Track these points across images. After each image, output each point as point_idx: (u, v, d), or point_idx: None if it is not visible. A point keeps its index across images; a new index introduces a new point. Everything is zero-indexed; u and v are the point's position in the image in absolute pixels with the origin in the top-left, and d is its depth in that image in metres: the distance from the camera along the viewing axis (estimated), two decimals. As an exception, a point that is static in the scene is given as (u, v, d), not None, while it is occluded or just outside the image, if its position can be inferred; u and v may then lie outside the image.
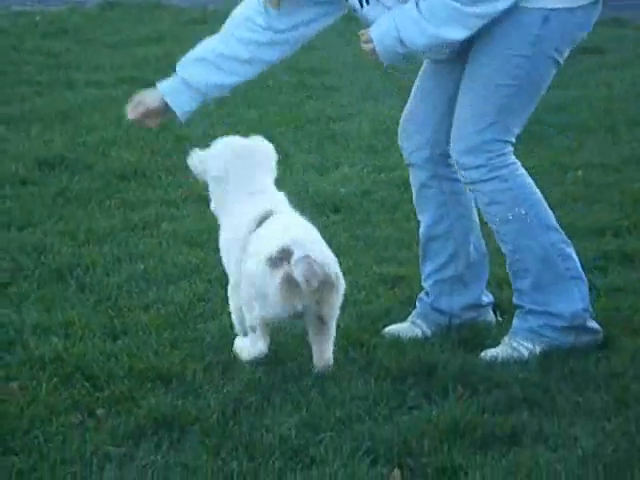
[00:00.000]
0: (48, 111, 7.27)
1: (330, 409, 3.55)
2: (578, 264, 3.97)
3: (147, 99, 4.05)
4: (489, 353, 3.92)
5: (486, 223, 4.04)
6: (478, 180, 3.91)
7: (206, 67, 3.99)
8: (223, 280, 4.64)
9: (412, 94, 4.18)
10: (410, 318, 4.20)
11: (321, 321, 3.77)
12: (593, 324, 3.98)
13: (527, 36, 3.81)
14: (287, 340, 4.07)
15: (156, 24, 9.67)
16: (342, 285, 3.77)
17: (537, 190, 3.96)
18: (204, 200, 5.78)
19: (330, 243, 5.07)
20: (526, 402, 3.60)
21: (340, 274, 3.77)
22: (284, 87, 8.15)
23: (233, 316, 3.99)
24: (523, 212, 3.89)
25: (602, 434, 3.41)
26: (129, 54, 8.96)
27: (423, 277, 4.23)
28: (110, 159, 6.28)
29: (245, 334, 3.90)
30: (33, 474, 3.16)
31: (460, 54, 3.94)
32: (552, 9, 3.80)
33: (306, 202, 5.74)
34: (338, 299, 3.78)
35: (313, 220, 5.44)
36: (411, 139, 4.13)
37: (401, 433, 3.40)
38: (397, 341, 4.05)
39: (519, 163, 3.96)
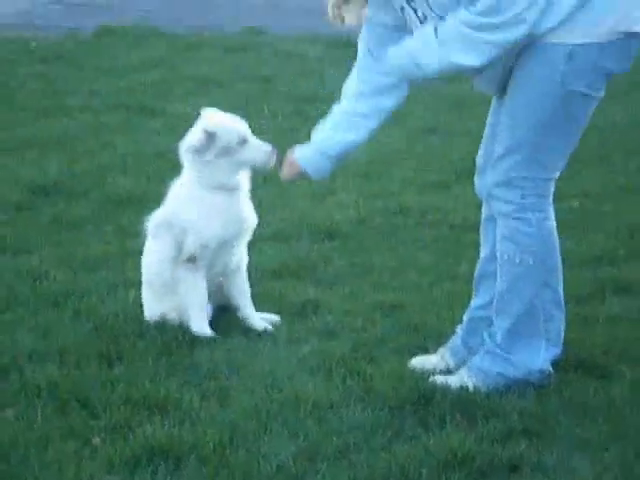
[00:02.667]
0: (43, 137, 7.27)
1: (328, 438, 3.54)
2: (561, 330, 3.97)
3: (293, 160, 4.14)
4: (440, 379, 3.94)
5: None
6: (505, 214, 3.90)
7: (332, 129, 4.07)
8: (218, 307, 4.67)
9: (485, 130, 4.14)
10: (440, 350, 4.17)
11: None
12: (546, 382, 3.94)
13: (553, 74, 3.75)
14: (284, 366, 4.06)
15: (152, 50, 9.68)
16: None
17: (556, 246, 3.93)
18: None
19: (326, 270, 5.10)
20: (524, 432, 3.59)
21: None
22: (280, 114, 8.16)
23: None
24: (531, 262, 3.88)
25: (601, 465, 3.40)
26: (124, 80, 8.96)
27: (468, 310, 4.18)
28: (106, 185, 6.27)
29: None
30: (29, 503, 3.14)
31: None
32: (576, 44, 3.72)
33: (302, 229, 5.74)
34: None
35: (311, 245, 5.46)
36: (481, 174, 4.08)
37: (399, 463, 3.39)
38: (394, 369, 4.04)
39: (551, 212, 3.92)
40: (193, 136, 4.43)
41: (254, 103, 8.40)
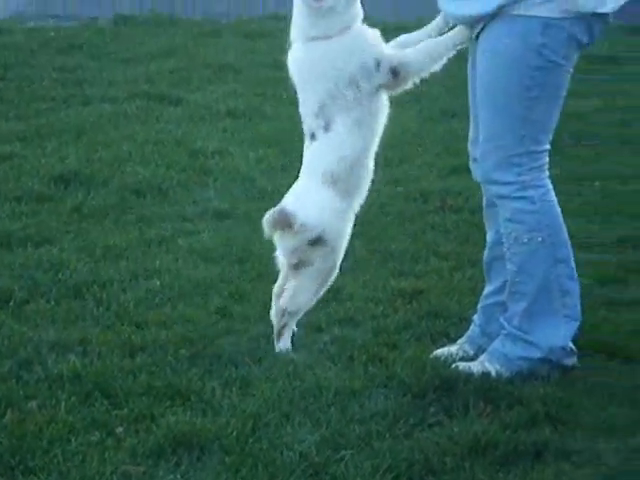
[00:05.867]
0: (63, 127, 7.27)
1: (350, 426, 3.53)
2: (577, 303, 3.94)
3: None
4: (462, 365, 3.93)
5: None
6: (506, 196, 3.89)
7: None
8: (239, 295, 4.66)
9: (471, 113, 4.11)
10: (460, 341, 4.15)
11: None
12: (570, 361, 3.93)
13: (532, 45, 3.78)
14: (305, 354, 4.06)
15: (169, 38, 9.67)
16: (301, 230, 3.99)
17: (561, 220, 3.91)
18: (220, 215, 5.79)
19: (346, 256, 5.08)
20: (548, 418, 3.57)
21: (301, 219, 3.99)
22: (297, 99, 8.13)
23: None
24: (539, 239, 3.86)
25: (626, 450, 3.38)
26: (143, 69, 8.96)
27: (482, 297, 4.17)
28: (125, 174, 6.27)
29: None
30: (53, 494, 3.14)
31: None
32: (550, 17, 3.78)
33: (322, 216, 5.71)
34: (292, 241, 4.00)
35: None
36: (475, 161, 4.06)
37: (422, 450, 3.38)
38: (416, 356, 4.02)
39: (550, 187, 3.91)
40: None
41: (272, 89, 8.39)
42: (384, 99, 4.10)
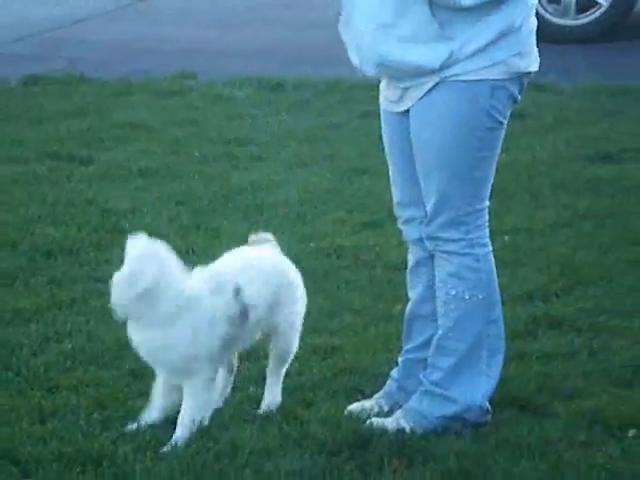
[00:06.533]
0: (-29, 188, 7.17)
1: (265, 487, 3.51)
2: (500, 364, 4.00)
3: None
4: (377, 421, 3.94)
5: None
6: (454, 252, 3.93)
7: None
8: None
9: (395, 176, 4.12)
10: (376, 396, 4.16)
11: None
12: (484, 419, 3.98)
13: (483, 108, 3.85)
14: (219, 416, 4.03)
15: (80, 98, 9.61)
16: None
17: (496, 280, 3.99)
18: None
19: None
20: (461, 473, 3.59)
21: None
22: (210, 158, 8.14)
23: None
24: (480, 297, 3.92)
25: (539, 503, 3.41)
26: (53, 129, 8.89)
27: (401, 353, 4.20)
28: (35, 236, 6.19)
29: None
30: None
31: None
32: (497, 79, 3.86)
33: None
34: None
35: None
36: (409, 220, 4.08)
37: (337, 509, 3.37)
38: (331, 413, 4.02)
39: (491, 247, 4.00)
40: None
41: (185, 147, 8.39)
42: None
